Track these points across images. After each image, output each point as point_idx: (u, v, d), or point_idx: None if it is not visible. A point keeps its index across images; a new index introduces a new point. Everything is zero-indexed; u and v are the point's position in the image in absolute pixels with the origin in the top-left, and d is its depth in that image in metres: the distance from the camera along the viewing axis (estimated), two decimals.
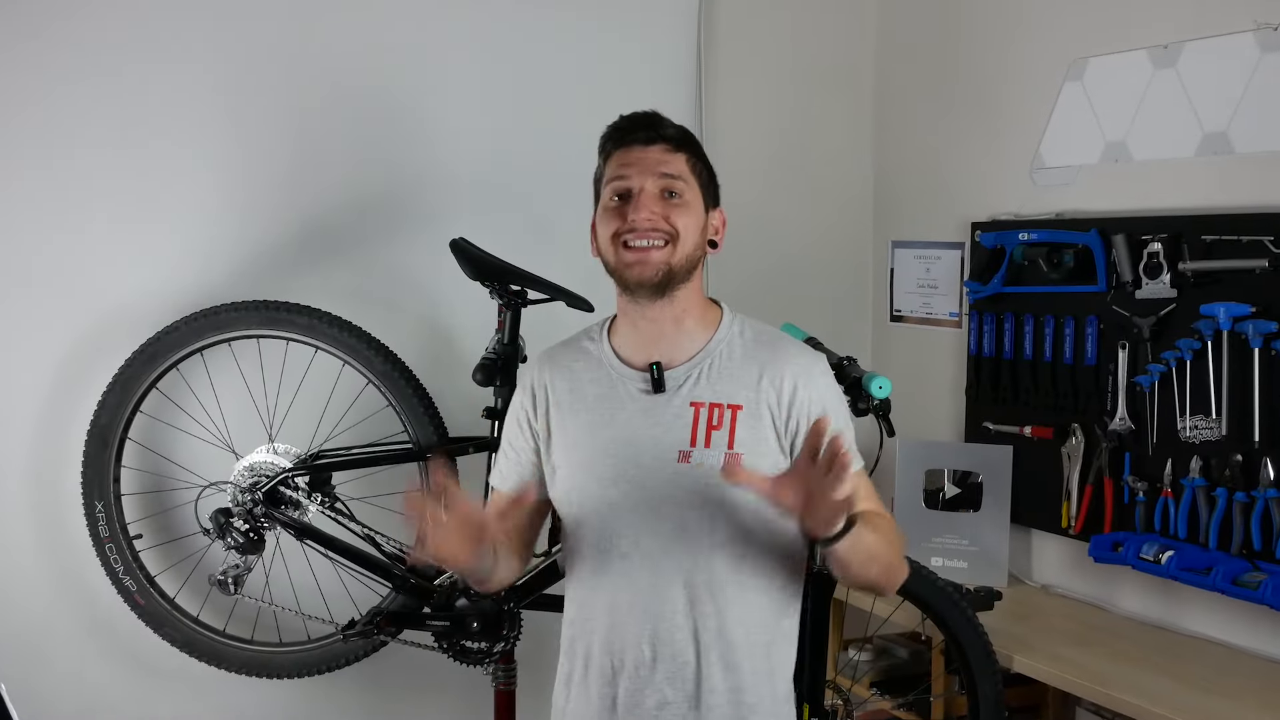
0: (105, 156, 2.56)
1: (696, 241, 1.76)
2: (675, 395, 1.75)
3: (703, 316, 1.80)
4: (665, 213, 1.72)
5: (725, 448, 1.72)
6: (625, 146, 1.76)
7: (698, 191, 1.77)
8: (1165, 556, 2.46)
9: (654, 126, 1.77)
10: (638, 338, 1.79)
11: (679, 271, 1.73)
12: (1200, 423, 2.46)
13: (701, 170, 1.79)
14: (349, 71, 2.76)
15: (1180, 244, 2.49)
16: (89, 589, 2.57)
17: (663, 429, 1.74)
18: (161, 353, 2.48)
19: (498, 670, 2.55)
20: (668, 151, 1.75)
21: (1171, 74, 2.55)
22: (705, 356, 1.77)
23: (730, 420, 1.72)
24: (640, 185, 1.73)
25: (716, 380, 1.75)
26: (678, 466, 1.72)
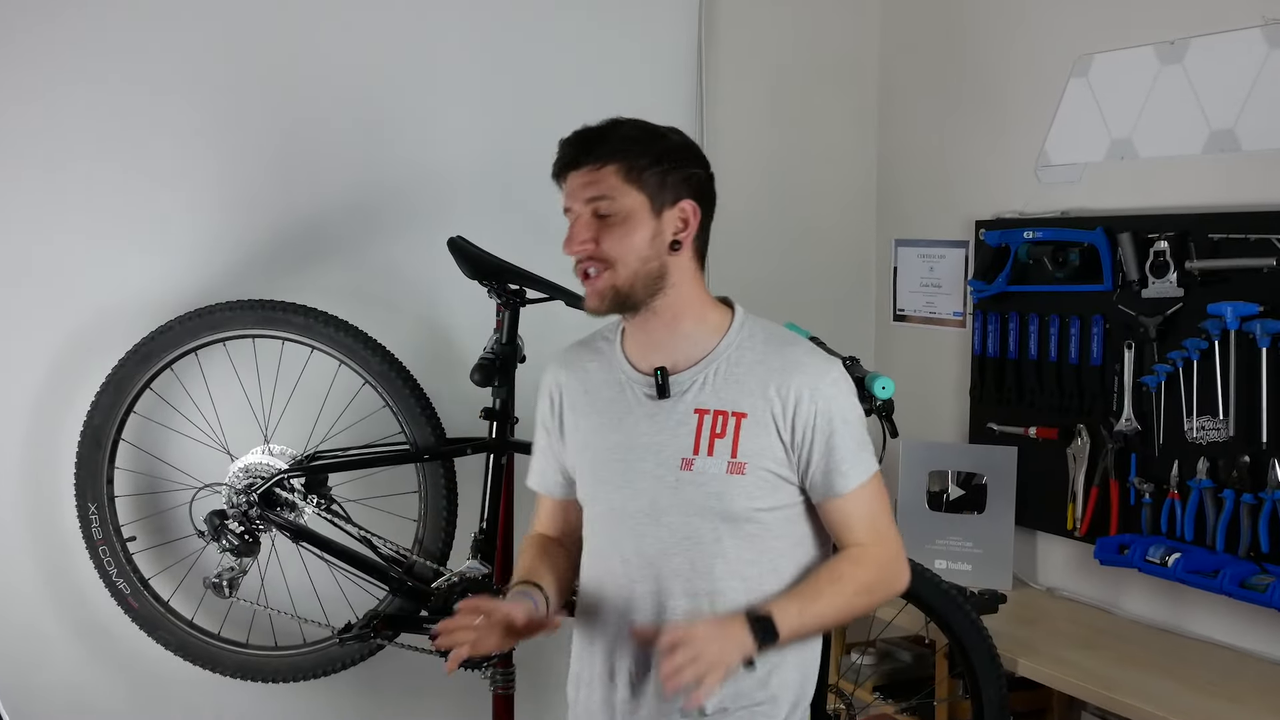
0: (99, 154, 2.56)
1: (644, 254, 1.69)
2: (680, 401, 1.73)
3: (704, 318, 1.76)
4: (598, 236, 1.68)
5: (729, 456, 1.70)
6: (564, 174, 1.73)
7: (640, 198, 1.69)
8: (1172, 559, 2.46)
9: (580, 147, 1.72)
10: (642, 342, 1.78)
11: (631, 290, 1.70)
12: (1207, 423, 2.46)
13: (645, 173, 1.70)
14: (346, 69, 2.76)
15: (1187, 242, 2.49)
16: (82, 592, 2.57)
17: (667, 435, 1.73)
18: (155, 352, 2.48)
19: (496, 674, 2.54)
20: (592, 170, 1.69)
21: (1178, 70, 2.55)
22: (711, 361, 1.74)
23: (735, 428, 1.70)
24: (574, 212, 1.71)
25: (722, 386, 1.72)
26: (680, 474, 1.71)
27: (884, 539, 1.76)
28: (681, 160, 1.74)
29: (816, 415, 1.70)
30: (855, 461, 1.72)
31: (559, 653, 2.99)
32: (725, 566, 1.71)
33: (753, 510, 1.71)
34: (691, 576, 1.72)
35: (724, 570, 1.71)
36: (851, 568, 1.72)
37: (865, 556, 1.73)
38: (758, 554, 1.73)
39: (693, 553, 1.71)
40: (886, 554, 1.75)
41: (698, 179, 1.75)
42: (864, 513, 1.74)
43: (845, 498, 1.72)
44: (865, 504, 1.74)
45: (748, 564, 1.72)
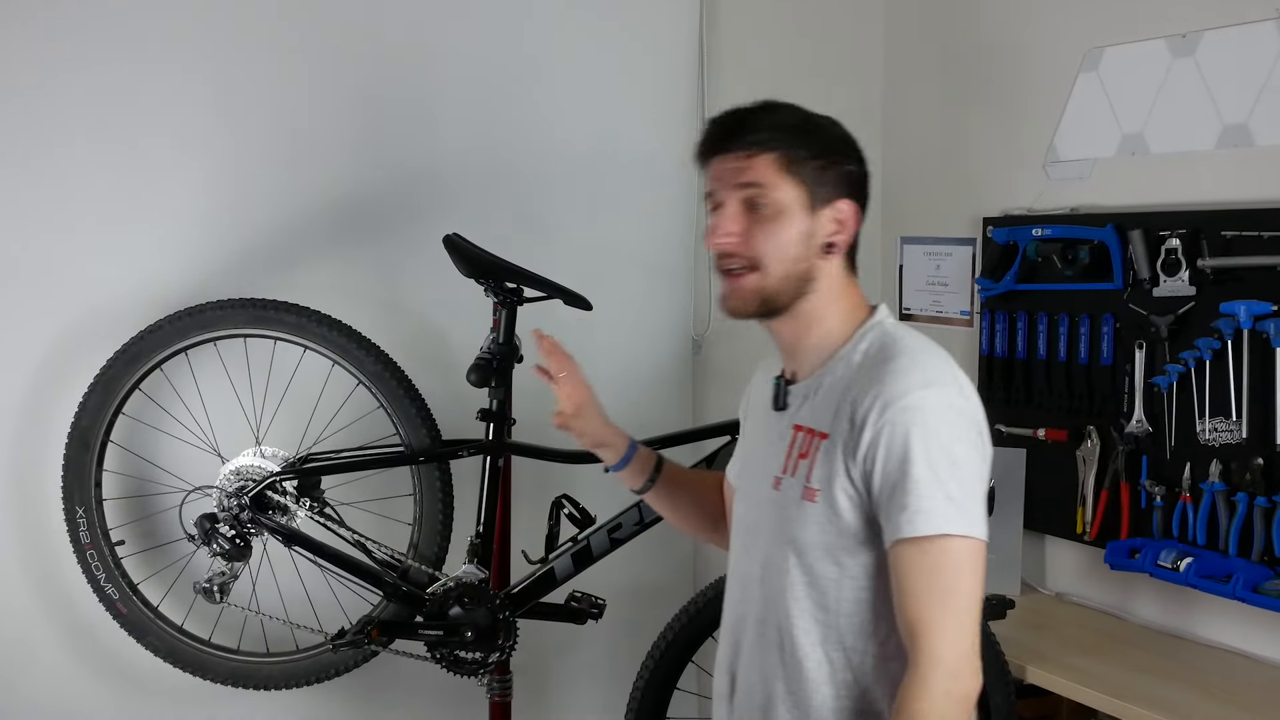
0: (88, 150, 2.56)
1: (795, 254, 1.58)
2: (790, 414, 1.64)
3: (839, 326, 1.63)
4: (748, 231, 1.57)
5: (805, 480, 1.57)
6: (712, 157, 1.63)
7: (796, 193, 1.58)
8: (1184, 563, 2.46)
9: (735, 130, 1.60)
10: (779, 346, 1.71)
11: (777, 294, 1.59)
12: (1220, 425, 2.46)
13: (804, 165, 1.59)
14: (340, 63, 2.75)
15: (1199, 240, 2.49)
16: (69, 597, 2.57)
17: (771, 449, 1.65)
18: (145, 352, 2.48)
19: (493, 681, 2.54)
20: (745, 156, 1.58)
21: (1190, 64, 2.55)
22: (824, 374, 1.61)
23: (815, 450, 1.57)
24: (722, 199, 1.60)
25: (823, 402, 1.59)
26: (771, 493, 1.63)
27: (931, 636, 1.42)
28: (842, 154, 1.65)
29: (879, 443, 1.48)
30: (913, 505, 1.45)
31: (556, 659, 3.00)
32: (796, 606, 1.58)
33: (821, 546, 1.55)
34: (765, 607, 1.62)
35: (795, 610, 1.58)
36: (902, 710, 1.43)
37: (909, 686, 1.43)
38: (826, 608, 1.56)
39: (771, 581, 1.61)
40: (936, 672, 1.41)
41: (856, 176, 1.66)
42: (915, 583, 1.44)
43: (896, 548, 1.46)
44: (920, 570, 1.44)
45: (819, 608, 1.57)
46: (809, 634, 1.57)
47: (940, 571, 1.45)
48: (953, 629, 1.44)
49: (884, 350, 1.57)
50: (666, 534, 2.36)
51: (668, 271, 3.13)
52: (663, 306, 3.15)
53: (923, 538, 1.45)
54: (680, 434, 2.58)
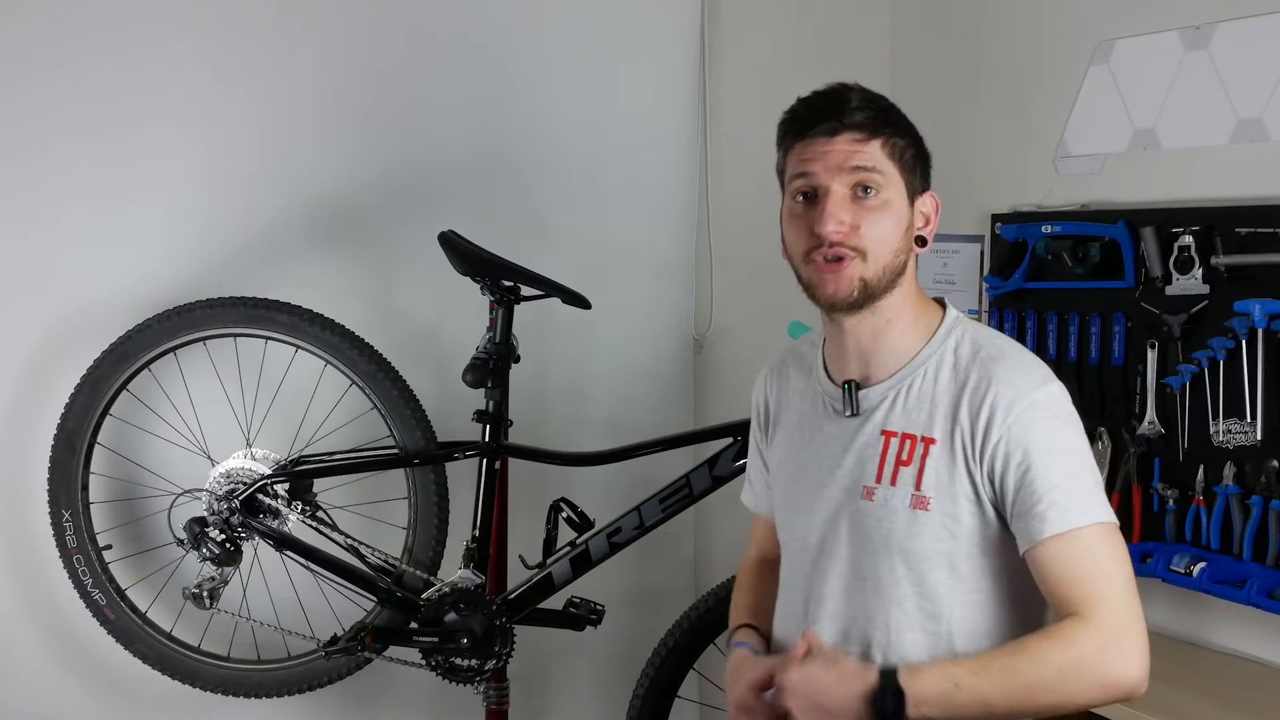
0: (74, 144, 2.55)
1: (898, 246, 1.57)
2: (869, 420, 1.61)
3: (915, 324, 1.62)
4: (857, 219, 1.54)
5: (912, 488, 1.54)
6: (805, 139, 1.58)
7: (899, 181, 1.58)
8: (1197, 568, 2.45)
9: (839, 112, 1.56)
10: (837, 352, 1.66)
11: (877, 285, 1.56)
12: (1234, 426, 2.46)
13: (905, 151, 1.60)
14: (333, 55, 2.75)
15: (1213, 237, 2.49)
16: (55, 603, 2.57)
17: (851, 458, 1.61)
18: (133, 352, 2.48)
19: (489, 689, 2.55)
20: (858, 141, 1.55)
21: (1204, 56, 2.55)
22: (908, 375, 1.59)
23: (921, 456, 1.54)
24: (826, 185, 1.55)
25: (915, 405, 1.57)
26: (860, 504, 1.58)
27: (1101, 608, 1.45)
28: (924, 145, 1.64)
29: (1009, 443, 1.50)
30: (1061, 501, 1.47)
31: (554, 667, 3.00)
32: (903, 618, 1.57)
33: (937, 555, 1.55)
34: (866, 624, 1.59)
35: (901, 622, 1.57)
36: (1044, 644, 1.45)
37: (1067, 633, 1.45)
38: (938, 618, 1.56)
39: (866, 596, 1.58)
40: (1100, 630, 1.45)
41: (930, 166, 1.66)
42: (1072, 569, 1.47)
43: (1044, 545, 1.47)
44: (1077, 557, 1.47)
45: (930, 618, 1.56)
46: (918, 646, 1.57)
47: (1091, 554, 1.47)
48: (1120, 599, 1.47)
49: (985, 349, 1.58)
50: (667, 539, 2.37)
51: (668, 269, 3.13)
52: (663, 305, 3.14)
53: (1080, 529, 1.47)
54: (684, 435, 2.58)
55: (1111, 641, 1.45)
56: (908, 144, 1.61)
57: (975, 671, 1.44)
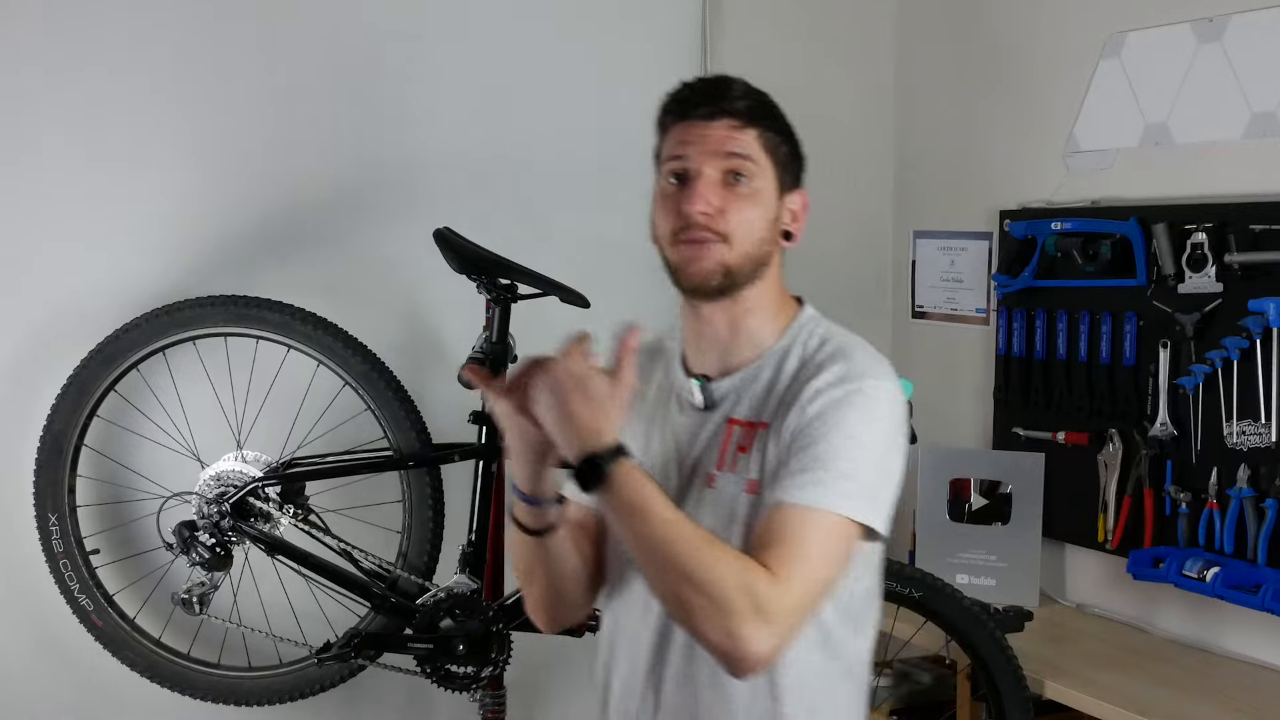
0: (60, 140, 2.55)
1: (763, 236, 1.59)
2: (718, 410, 1.63)
3: (774, 317, 1.65)
4: (725, 205, 1.57)
5: (747, 473, 1.57)
6: (684, 120, 1.60)
7: (771, 174, 1.61)
8: (1210, 573, 2.45)
9: (719, 96, 1.60)
10: (696, 341, 1.68)
11: (740, 273, 1.58)
12: (1248, 428, 2.46)
13: (779, 146, 1.62)
14: (326, 48, 2.75)
15: (1226, 234, 2.49)
16: (41, 608, 2.56)
17: (701, 447, 1.63)
18: (120, 352, 2.48)
19: (485, 697, 2.54)
20: (735, 128, 1.58)
21: (1217, 49, 2.55)
22: (759, 367, 1.63)
23: (754, 442, 1.58)
24: (698, 168, 1.58)
25: (761, 393, 1.61)
26: (704, 492, 1.61)
27: (790, 580, 1.44)
28: (800, 144, 1.67)
29: (823, 415, 1.52)
30: (827, 481, 1.49)
31: (550, 674, 3.00)
32: None
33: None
34: None
35: None
36: (731, 561, 1.44)
37: (753, 572, 1.43)
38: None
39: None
40: (774, 592, 1.43)
41: (803, 166, 1.69)
42: (793, 539, 1.47)
43: (788, 508, 1.48)
44: (805, 534, 1.47)
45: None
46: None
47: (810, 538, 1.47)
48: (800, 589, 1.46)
49: (833, 343, 1.61)
50: None
51: None
52: (663, 304, 3.13)
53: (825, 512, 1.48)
54: None
55: (771, 616, 1.43)
56: (783, 140, 1.64)
57: (669, 521, 1.44)
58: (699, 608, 1.43)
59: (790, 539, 1.47)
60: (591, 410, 1.45)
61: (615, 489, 1.43)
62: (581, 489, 1.44)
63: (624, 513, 1.44)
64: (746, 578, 1.43)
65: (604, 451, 1.43)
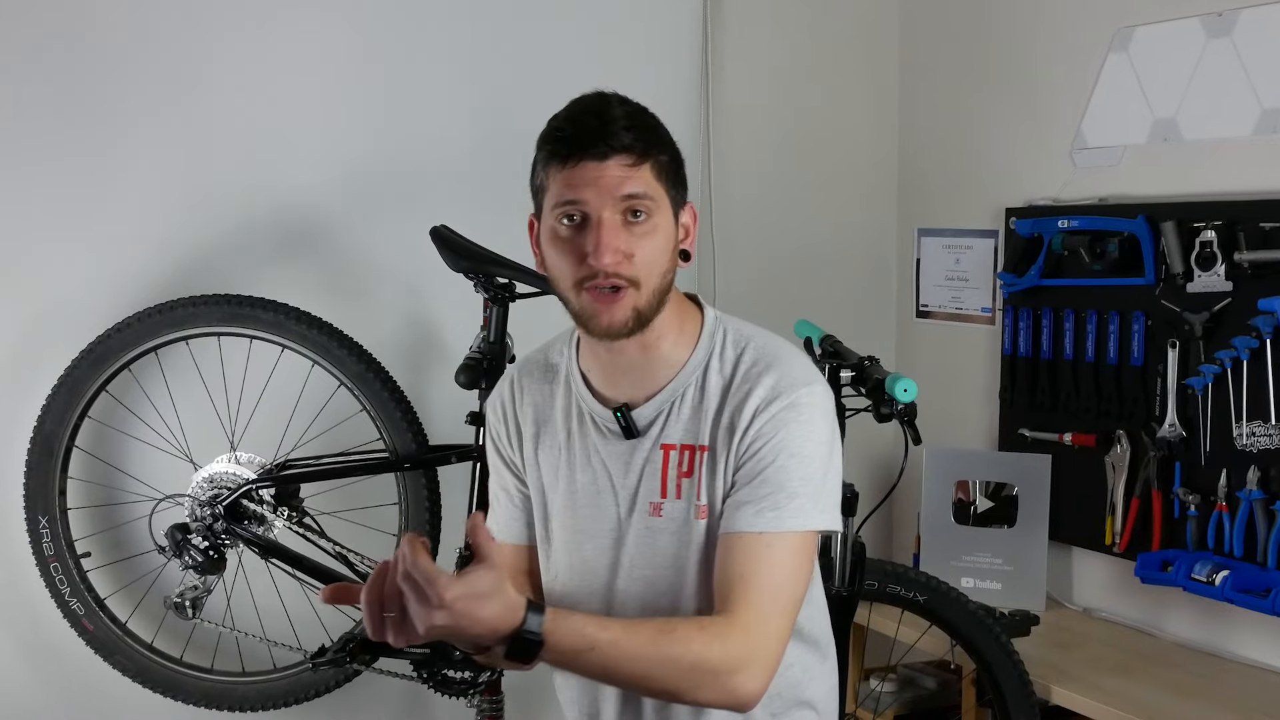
0: (51, 138, 2.55)
1: (666, 267, 1.57)
2: (647, 436, 1.62)
3: (681, 333, 1.63)
4: (629, 247, 1.52)
5: (694, 499, 1.58)
6: (574, 162, 1.53)
7: (666, 201, 1.56)
8: (1219, 577, 2.45)
9: (607, 134, 1.52)
10: (605, 369, 1.65)
11: (649, 311, 1.56)
12: (1258, 429, 2.45)
13: (668, 168, 1.57)
14: (320, 42, 2.75)
15: (1236, 232, 2.48)
16: (32, 613, 2.57)
17: (635, 476, 1.62)
18: (112, 352, 2.48)
19: (483, 703, 2.54)
20: (629, 166, 1.52)
21: (1226, 44, 2.54)
22: (679, 386, 1.62)
23: (700, 465, 1.58)
24: (598, 214, 1.52)
25: (690, 414, 1.60)
26: (650, 521, 1.60)
27: (759, 621, 1.48)
28: (679, 152, 1.62)
29: (761, 439, 1.54)
30: (779, 503, 1.52)
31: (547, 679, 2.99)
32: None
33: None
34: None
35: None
36: (694, 633, 1.47)
37: (720, 627, 1.47)
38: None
39: (664, 611, 1.59)
40: (748, 641, 1.47)
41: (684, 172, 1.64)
42: (756, 571, 1.50)
43: (741, 538, 1.51)
44: (765, 561, 1.51)
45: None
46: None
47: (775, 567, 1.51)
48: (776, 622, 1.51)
49: (750, 349, 1.62)
50: None
51: None
52: None
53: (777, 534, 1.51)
54: None
55: (753, 658, 1.48)
56: (670, 159, 1.59)
57: (616, 640, 1.44)
58: (686, 691, 1.48)
59: (755, 573, 1.50)
60: (491, 604, 1.37)
61: (552, 646, 1.40)
62: (523, 663, 1.40)
63: (570, 657, 1.43)
64: (719, 639, 1.46)
65: (524, 626, 1.38)
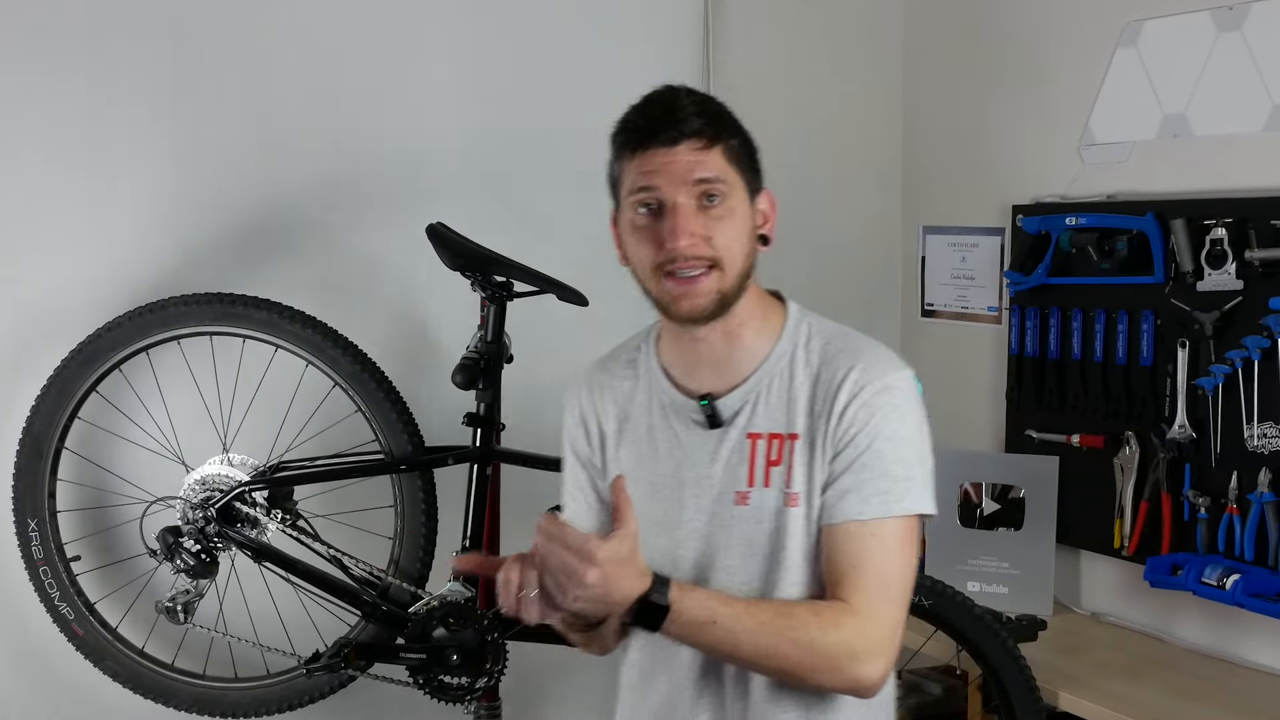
0: (40, 131, 2.55)
1: (746, 250, 1.63)
2: (732, 426, 1.66)
3: (763, 323, 1.69)
4: (706, 230, 1.58)
5: (784, 486, 1.62)
6: (645, 149, 1.60)
7: (740, 185, 1.63)
8: (1230, 580, 2.45)
9: (676, 120, 1.59)
10: (687, 359, 1.71)
11: (732, 293, 1.62)
12: (1270, 430, 2.45)
13: (740, 152, 1.64)
14: (317, 38, 2.75)
15: (1247, 229, 2.48)
16: (20, 617, 2.56)
17: (720, 466, 1.66)
18: (102, 352, 2.47)
19: (480, 709, 2.54)
20: (699, 150, 1.59)
21: (1237, 38, 2.54)
22: (764, 376, 1.67)
23: (790, 453, 1.63)
24: (672, 199, 1.58)
25: (776, 403, 1.65)
26: (735, 510, 1.64)
27: (873, 608, 1.55)
28: (752, 139, 1.69)
29: (855, 425, 1.60)
30: (882, 487, 1.58)
31: (546, 685, 3.00)
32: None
33: (808, 551, 1.62)
34: None
35: None
36: (811, 618, 1.54)
37: (835, 614, 1.54)
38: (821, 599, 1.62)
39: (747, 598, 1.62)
40: (864, 628, 1.54)
41: (759, 161, 1.71)
42: (861, 559, 1.57)
43: (846, 526, 1.58)
44: (874, 548, 1.58)
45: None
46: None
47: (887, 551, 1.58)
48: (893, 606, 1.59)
49: (835, 340, 1.68)
50: None
51: None
52: None
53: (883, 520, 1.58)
54: None
55: (870, 647, 1.55)
56: (742, 145, 1.66)
57: (738, 616, 1.52)
58: (806, 674, 1.55)
59: (864, 562, 1.57)
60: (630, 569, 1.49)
61: (676, 616, 1.50)
62: (648, 630, 1.52)
63: (694, 630, 1.52)
64: (835, 626, 1.54)
65: (653, 591, 1.50)
